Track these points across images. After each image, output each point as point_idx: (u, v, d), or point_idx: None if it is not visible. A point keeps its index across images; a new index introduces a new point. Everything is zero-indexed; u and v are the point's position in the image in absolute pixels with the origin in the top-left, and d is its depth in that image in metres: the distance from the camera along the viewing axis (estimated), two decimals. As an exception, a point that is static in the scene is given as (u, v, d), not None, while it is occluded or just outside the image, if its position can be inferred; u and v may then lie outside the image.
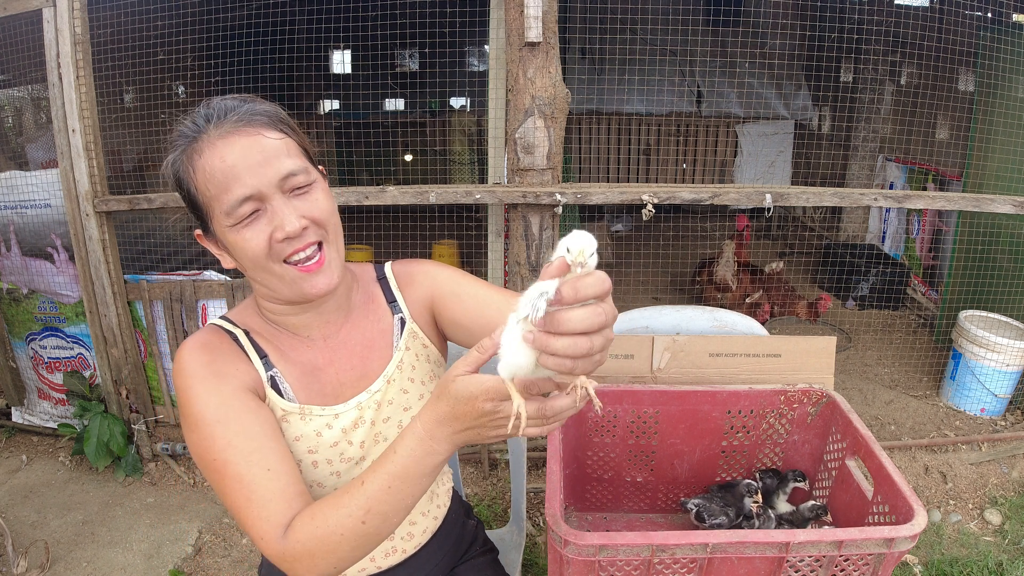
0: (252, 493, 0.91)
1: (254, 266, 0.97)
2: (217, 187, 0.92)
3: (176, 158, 0.95)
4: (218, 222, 0.95)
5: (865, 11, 4.71)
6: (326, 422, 1.06)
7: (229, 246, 0.97)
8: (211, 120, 0.94)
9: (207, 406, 0.95)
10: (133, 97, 4.35)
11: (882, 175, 4.92)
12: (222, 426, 0.94)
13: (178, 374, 0.98)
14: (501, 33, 2.33)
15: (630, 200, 2.37)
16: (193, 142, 0.94)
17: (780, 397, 1.58)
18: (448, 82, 6.04)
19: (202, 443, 0.94)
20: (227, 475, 0.92)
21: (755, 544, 1.07)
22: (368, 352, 1.12)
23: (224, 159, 0.91)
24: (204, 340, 1.02)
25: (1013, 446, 2.73)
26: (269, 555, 0.90)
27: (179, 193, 0.99)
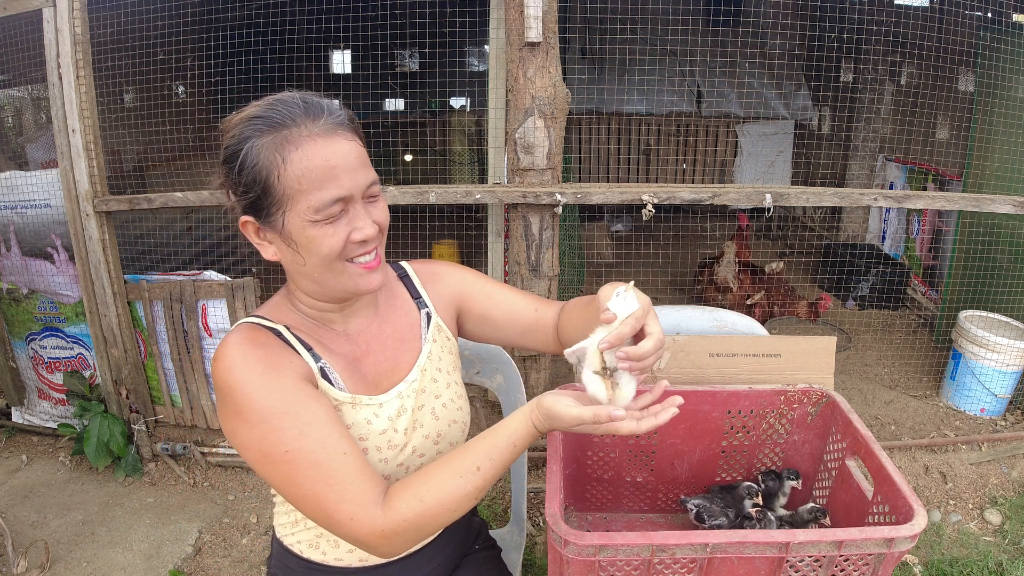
0: (332, 478, 0.93)
1: (321, 262, 0.99)
2: (312, 184, 0.94)
3: (259, 143, 0.94)
4: (297, 214, 0.95)
5: (865, 11, 4.71)
6: (373, 411, 1.10)
7: (303, 239, 0.97)
8: (308, 116, 0.95)
9: (271, 399, 0.94)
10: (133, 97, 4.35)
11: (882, 175, 4.92)
12: (291, 417, 0.94)
13: (229, 371, 0.96)
14: (501, 33, 2.33)
15: (630, 200, 2.37)
16: (284, 130, 0.94)
17: (780, 397, 1.58)
18: (448, 82, 6.04)
19: (269, 437, 0.94)
20: (301, 464, 0.93)
21: (755, 544, 1.07)
22: (399, 345, 1.17)
23: (327, 159, 0.94)
24: (250, 336, 1.01)
25: (1013, 446, 2.73)
26: (362, 534, 0.92)
27: (237, 173, 0.96)
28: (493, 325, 1.27)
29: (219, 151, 1.02)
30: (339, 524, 0.93)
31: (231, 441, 1.00)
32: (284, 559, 1.21)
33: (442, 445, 1.18)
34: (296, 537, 1.18)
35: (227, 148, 0.97)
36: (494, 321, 1.27)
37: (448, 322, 1.26)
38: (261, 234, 1.02)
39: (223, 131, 1.00)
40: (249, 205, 0.98)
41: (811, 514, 1.48)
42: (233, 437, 0.99)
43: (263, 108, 0.97)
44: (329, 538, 1.15)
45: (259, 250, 1.03)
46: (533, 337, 1.27)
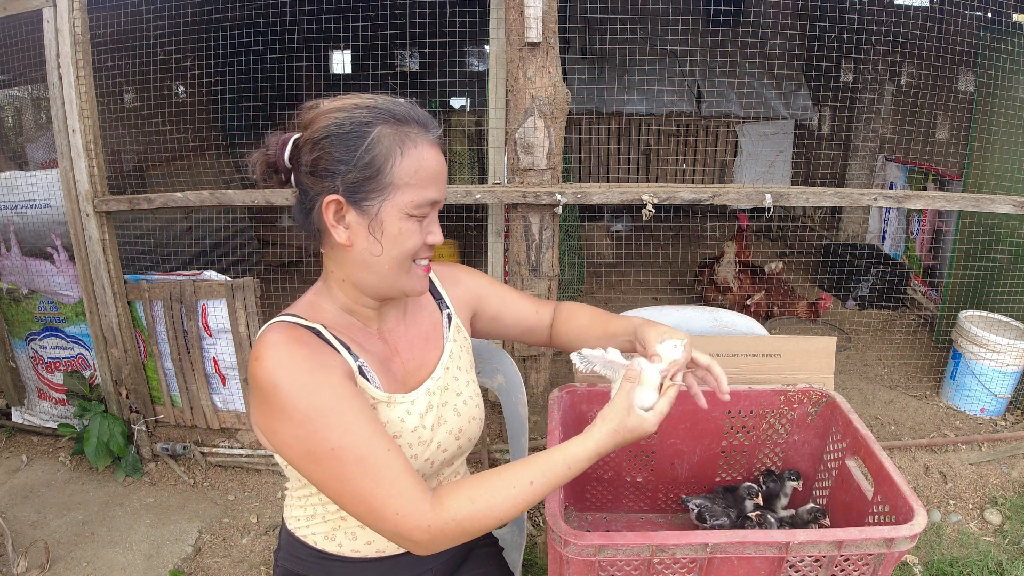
0: (378, 474, 0.95)
1: (399, 255, 1.05)
2: (420, 181, 1.02)
3: (384, 130, 1.00)
4: (396, 205, 1.02)
5: (865, 11, 4.71)
6: (406, 409, 1.13)
7: (393, 229, 1.03)
8: (421, 122, 1.04)
9: (317, 397, 0.96)
10: (133, 97, 4.35)
11: (882, 175, 4.92)
12: (337, 415, 0.96)
13: (274, 370, 0.97)
14: (501, 33, 2.33)
15: (630, 200, 2.37)
16: (404, 126, 1.02)
17: (780, 397, 1.58)
18: (448, 82, 6.03)
19: (315, 435, 0.95)
20: (347, 461, 0.95)
21: (755, 544, 1.07)
22: (425, 344, 1.23)
23: (436, 163, 1.05)
24: (292, 335, 1.02)
25: (1013, 446, 2.73)
26: (407, 529, 0.94)
27: (349, 151, 1.00)
28: (502, 325, 1.38)
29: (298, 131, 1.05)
30: (384, 520, 0.95)
31: (271, 440, 1.01)
32: (294, 550, 1.22)
33: (462, 440, 1.22)
34: (311, 529, 1.19)
35: (338, 127, 1.00)
36: (503, 321, 1.38)
37: (465, 322, 1.33)
38: (340, 216, 1.03)
39: (317, 113, 1.03)
40: (347, 186, 1.01)
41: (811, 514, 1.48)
42: (274, 436, 0.99)
43: (380, 101, 1.03)
44: (347, 530, 1.17)
45: (332, 232, 1.03)
46: (533, 336, 1.41)
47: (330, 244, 1.08)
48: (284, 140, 1.06)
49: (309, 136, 1.02)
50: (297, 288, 4.04)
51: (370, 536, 1.17)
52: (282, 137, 1.07)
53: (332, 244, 1.07)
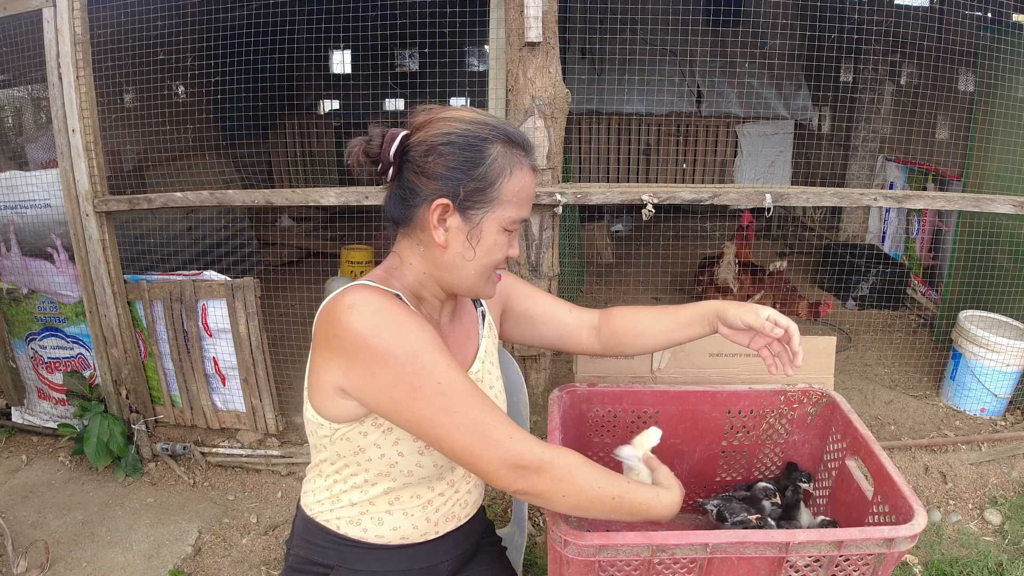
0: (486, 404, 1.02)
1: (487, 263, 1.12)
2: (520, 200, 1.11)
3: (500, 149, 1.08)
4: (496, 218, 1.10)
5: (865, 11, 4.71)
6: None
7: (489, 240, 1.10)
8: (526, 147, 1.13)
9: (420, 336, 1.01)
10: (133, 97, 4.35)
11: (882, 175, 4.92)
12: (440, 353, 1.02)
13: (372, 314, 1.01)
14: (501, 33, 2.33)
15: (630, 200, 2.37)
16: (514, 149, 1.10)
17: (780, 397, 1.58)
18: (448, 82, 6.03)
19: (423, 369, 0.99)
20: (456, 393, 1.00)
21: (755, 544, 1.07)
22: (466, 340, 1.29)
23: (533, 187, 1.15)
24: (379, 291, 1.06)
25: (1013, 446, 2.73)
26: (520, 451, 1.00)
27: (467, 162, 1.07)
28: (531, 323, 1.41)
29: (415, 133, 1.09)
30: (498, 445, 0.99)
31: (364, 390, 1.03)
32: (311, 536, 1.23)
33: None
34: (335, 514, 1.20)
35: (460, 137, 1.07)
36: (533, 319, 1.41)
37: (495, 319, 1.38)
38: (443, 219, 1.09)
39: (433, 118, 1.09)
40: (458, 193, 1.07)
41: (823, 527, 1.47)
42: (369, 383, 1.01)
43: (497, 121, 1.11)
44: (373, 515, 1.18)
45: (432, 232, 1.09)
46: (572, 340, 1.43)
47: (419, 239, 1.13)
48: (391, 135, 1.10)
49: (425, 138, 1.08)
50: (297, 288, 4.03)
51: (396, 522, 1.19)
52: (388, 131, 1.11)
53: (422, 239, 1.13)
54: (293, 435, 2.83)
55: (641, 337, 1.38)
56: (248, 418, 2.77)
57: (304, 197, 2.43)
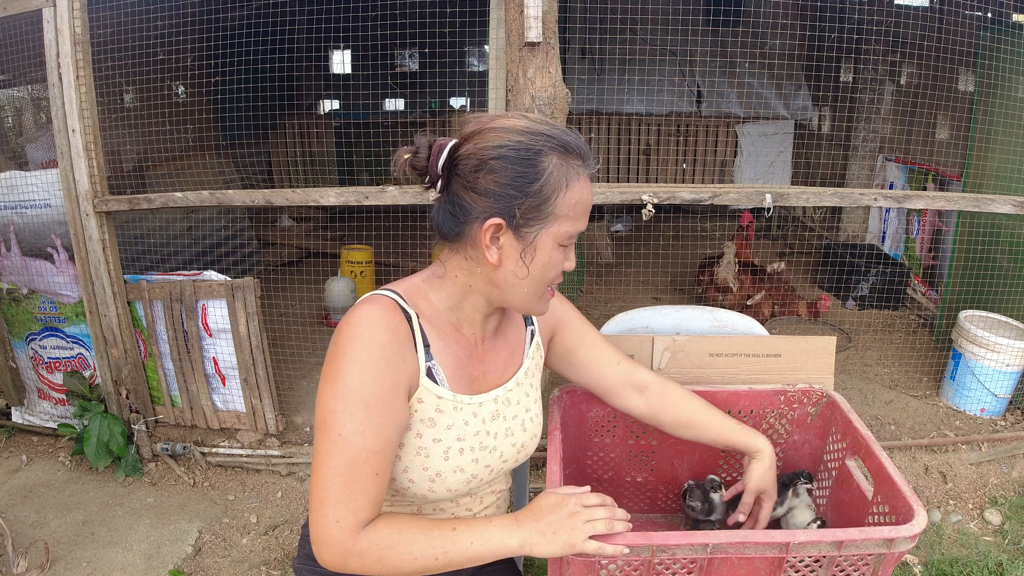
0: (353, 484, 0.99)
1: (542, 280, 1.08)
2: (577, 214, 1.05)
3: (556, 161, 1.01)
4: (551, 235, 1.04)
5: (865, 11, 4.71)
6: (472, 411, 1.14)
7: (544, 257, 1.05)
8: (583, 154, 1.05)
9: (364, 385, 0.99)
10: (133, 97, 4.35)
11: (882, 175, 4.92)
12: (366, 413, 0.99)
13: (352, 339, 1.01)
14: (501, 33, 2.33)
15: (630, 200, 2.37)
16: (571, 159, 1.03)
17: (780, 397, 1.58)
18: (448, 82, 6.04)
19: (338, 415, 0.99)
20: (341, 454, 0.99)
21: (755, 544, 1.07)
22: (509, 357, 1.24)
23: (590, 197, 1.07)
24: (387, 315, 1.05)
25: (1013, 446, 2.73)
26: (333, 539, 0.98)
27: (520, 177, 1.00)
28: (573, 365, 1.37)
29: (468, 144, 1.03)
30: (324, 518, 0.99)
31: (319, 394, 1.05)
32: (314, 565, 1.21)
33: (522, 455, 1.24)
34: None
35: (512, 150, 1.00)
36: (576, 360, 1.36)
37: (544, 343, 1.33)
38: (495, 238, 1.04)
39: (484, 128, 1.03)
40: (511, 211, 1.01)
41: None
42: (319, 392, 1.04)
43: (551, 128, 1.03)
44: None
45: (485, 252, 1.04)
46: (610, 393, 1.40)
47: (469, 255, 1.08)
48: (440, 146, 1.04)
49: (475, 151, 1.02)
50: (297, 288, 4.03)
51: None
52: (436, 141, 1.05)
53: (472, 256, 1.08)
54: (293, 435, 2.83)
55: (691, 429, 1.39)
56: (248, 418, 2.77)
57: (304, 197, 2.43)
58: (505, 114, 1.06)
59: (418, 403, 1.09)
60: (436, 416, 1.10)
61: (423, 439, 1.10)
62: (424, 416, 1.09)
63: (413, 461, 1.10)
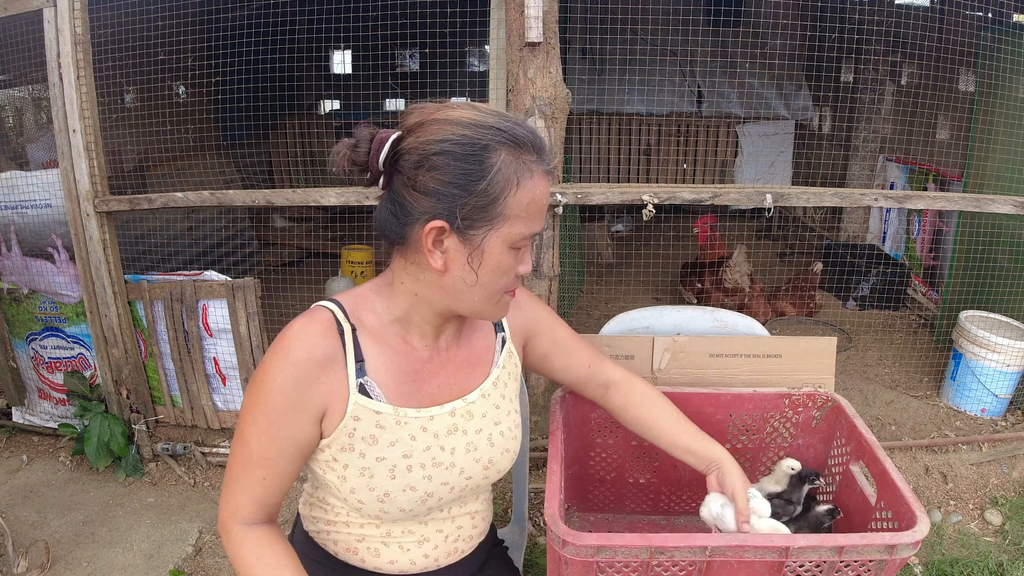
0: (242, 479, 1.05)
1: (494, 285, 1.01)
2: (528, 214, 0.97)
3: (505, 157, 0.93)
4: (501, 236, 0.96)
5: (865, 11, 4.71)
6: (421, 425, 1.08)
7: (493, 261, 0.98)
8: (538, 148, 0.98)
9: (271, 397, 1.01)
10: (134, 97, 4.35)
11: (882, 175, 4.92)
12: (267, 420, 1.01)
13: (273, 352, 1.01)
14: (501, 33, 2.33)
15: (630, 200, 2.37)
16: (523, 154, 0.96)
17: (784, 401, 1.58)
18: (448, 82, 6.03)
19: (246, 416, 1.03)
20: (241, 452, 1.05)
21: (755, 548, 1.07)
22: (471, 368, 1.17)
23: (546, 196, 1.00)
24: (317, 331, 1.02)
25: (1014, 446, 2.73)
26: (221, 518, 1.07)
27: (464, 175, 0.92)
28: (549, 367, 1.33)
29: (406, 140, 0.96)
30: (224, 504, 1.07)
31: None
32: (311, 552, 1.20)
33: (491, 471, 1.17)
34: (332, 537, 1.17)
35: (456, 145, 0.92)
36: (552, 364, 1.33)
37: (517, 349, 1.26)
38: (439, 241, 0.97)
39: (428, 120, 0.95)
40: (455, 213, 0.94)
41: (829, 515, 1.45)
42: (246, 390, 1.10)
43: (502, 120, 0.95)
44: (371, 545, 1.15)
45: (428, 257, 0.97)
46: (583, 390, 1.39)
47: (414, 259, 1.01)
48: (381, 139, 0.96)
49: (417, 145, 0.94)
50: (298, 288, 4.03)
51: (393, 555, 1.15)
52: (378, 134, 0.97)
53: (417, 261, 1.00)
54: (293, 435, 2.82)
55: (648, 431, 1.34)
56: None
57: (304, 197, 2.43)
58: (451, 104, 0.97)
59: (354, 421, 1.03)
60: (377, 433, 1.05)
61: (366, 459, 1.04)
62: (364, 434, 1.04)
63: (358, 482, 1.05)
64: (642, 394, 1.35)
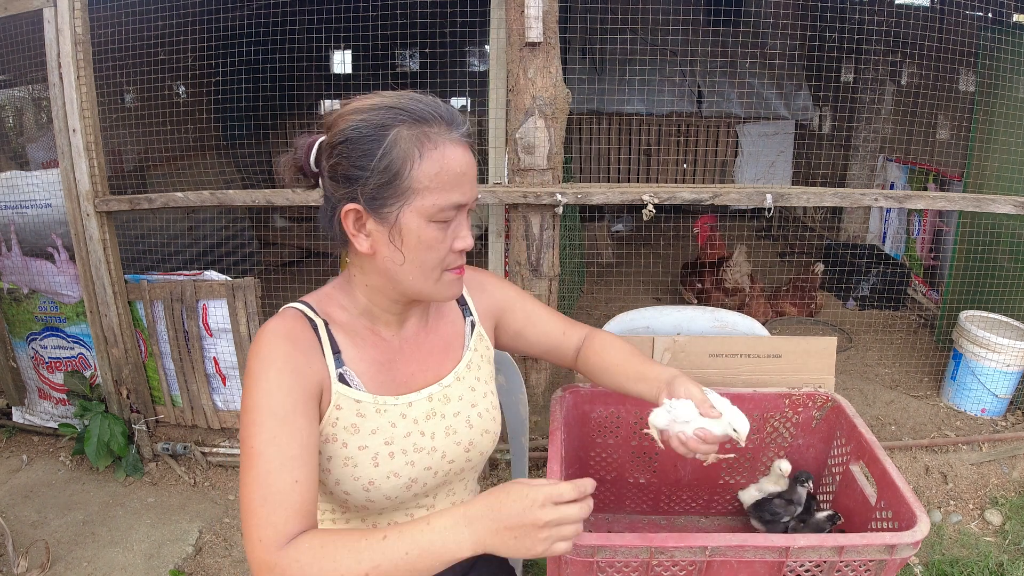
0: (270, 495, 0.92)
1: (424, 262, 1.01)
2: (442, 185, 0.97)
3: (403, 132, 0.96)
4: (416, 211, 0.98)
5: (865, 11, 4.71)
6: (400, 412, 1.10)
7: (413, 237, 0.99)
8: (449, 123, 0.99)
9: (270, 396, 0.96)
10: (134, 97, 4.35)
11: (883, 175, 4.92)
12: (275, 420, 0.95)
13: (254, 356, 1.00)
14: (501, 33, 2.33)
15: (631, 200, 2.37)
16: (424, 126, 0.97)
17: (784, 400, 1.58)
18: (448, 82, 6.03)
19: (250, 428, 0.96)
20: (256, 468, 0.94)
21: (755, 548, 1.07)
22: (442, 354, 1.19)
23: (460, 164, 0.99)
24: (288, 328, 1.03)
25: (1014, 446, 2.73)
26: (257, 558, 0.91)
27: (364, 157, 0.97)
28: (525, 342, 1.34)
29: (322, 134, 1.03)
30: (250, 539, 0.92)
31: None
32: None
33: (472, 454, 1.18)
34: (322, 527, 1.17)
35: (354, 131, 0.97)
36: (526, 339, 1.33)
37: (488, 331, 1.28)
38: (361, 225, 1.01)
39: (337, 116, 1.01)
40: (365, 194, 0.98)
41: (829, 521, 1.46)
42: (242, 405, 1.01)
43: (400, 100, 0.98)
44: None
45: (352, 241, 1.02)
46: (556, 355, 1.37)
47: (353, 250, 1.06)
48: (310, 143, 1.04)
49: (330, 139, 1.00)
50: (298, 288, 4.03)
51: None
52: (308, 139, 1.05)
53: (355, 251, 1.05)
54: (293, 435, 2.82)
55: (603, 375, 1.30)
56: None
57: (304, 197, 2.43)
58: (360, 96, 1.02)
59: (336, 410, 1.05)
60: (359, 421, 1.06)
61: (349, 448, 1.05)
62: (346, 423, 1.05)
63: (343, 473, 1.05)
64: (602, 342, 1.33)
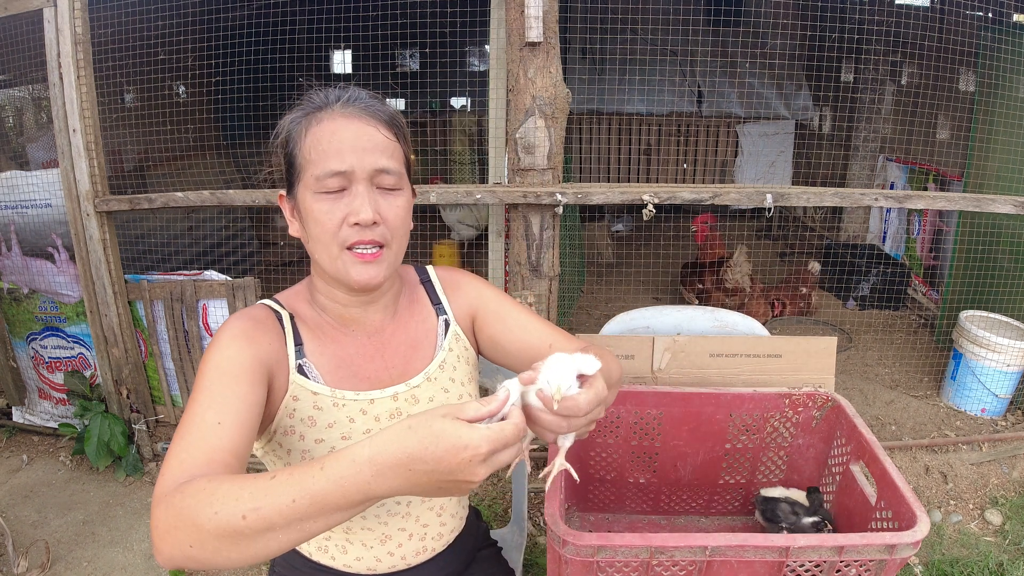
0: (188, 432, 0.86)
1: (320, 236, 1.00)
2: (319, 154, 0.98)
3: (295, 118, 1.03)
4: (305, 185, 1.00)
5: (865, 11, 4.70)
6: (360, 408, 1.08)
7: (304, 211, 1.02)
8: (340, 100, 1.01)
9: (220, 355, 0.96)
10: (134, 97, 4.35)
11: (883, 175, 4.92)
12: (217, 373, 0.93)
13: (218, 334, 1.01)
14: (502, 33, 2.33)
15: (631, 200, 2.37)
16: (317, 111, 1.01)
17: (784, 400, 1.58)
18: (448, 82, 6.03)
19: (196, 385, 0.95)
20: (187, 412, 0.89)
21: (755, 548, 1.07)
22: (412, 352, 1.15)
23: (335, 133, 0.98)
24: (251, 313, 1.06)
25: (1014, 446, 2.73)
26: (155, 493, 0.80)
27: (282, 151, 1.06)
28: (503, 351, 1.19)
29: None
30: (160, 473, 0.83)
31: None
32: (290, 558, 1.21)
33: None
34: None
35: (276, 129, 1.06)
36: (503, 348, 1.18)
37: (466, 332, 1.21)
38: (290, 210, 1.07)
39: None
40: (284, 181, 1.07)
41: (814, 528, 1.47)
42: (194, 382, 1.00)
43: (315, 92, 1.04)
44: (337, 542, 1.15)
45: (290, 225, 1.08)
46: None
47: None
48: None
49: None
50: (298, 288, 3.92)
51: (358, 552, 1.15)
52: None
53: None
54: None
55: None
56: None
57: (305, 197, 2.43)
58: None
59: (293, 401, 1.04)
60: (315, 414, 1.05)
61: (306, 441, 1.05)
62: (303, 415, 1.04)
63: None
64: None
